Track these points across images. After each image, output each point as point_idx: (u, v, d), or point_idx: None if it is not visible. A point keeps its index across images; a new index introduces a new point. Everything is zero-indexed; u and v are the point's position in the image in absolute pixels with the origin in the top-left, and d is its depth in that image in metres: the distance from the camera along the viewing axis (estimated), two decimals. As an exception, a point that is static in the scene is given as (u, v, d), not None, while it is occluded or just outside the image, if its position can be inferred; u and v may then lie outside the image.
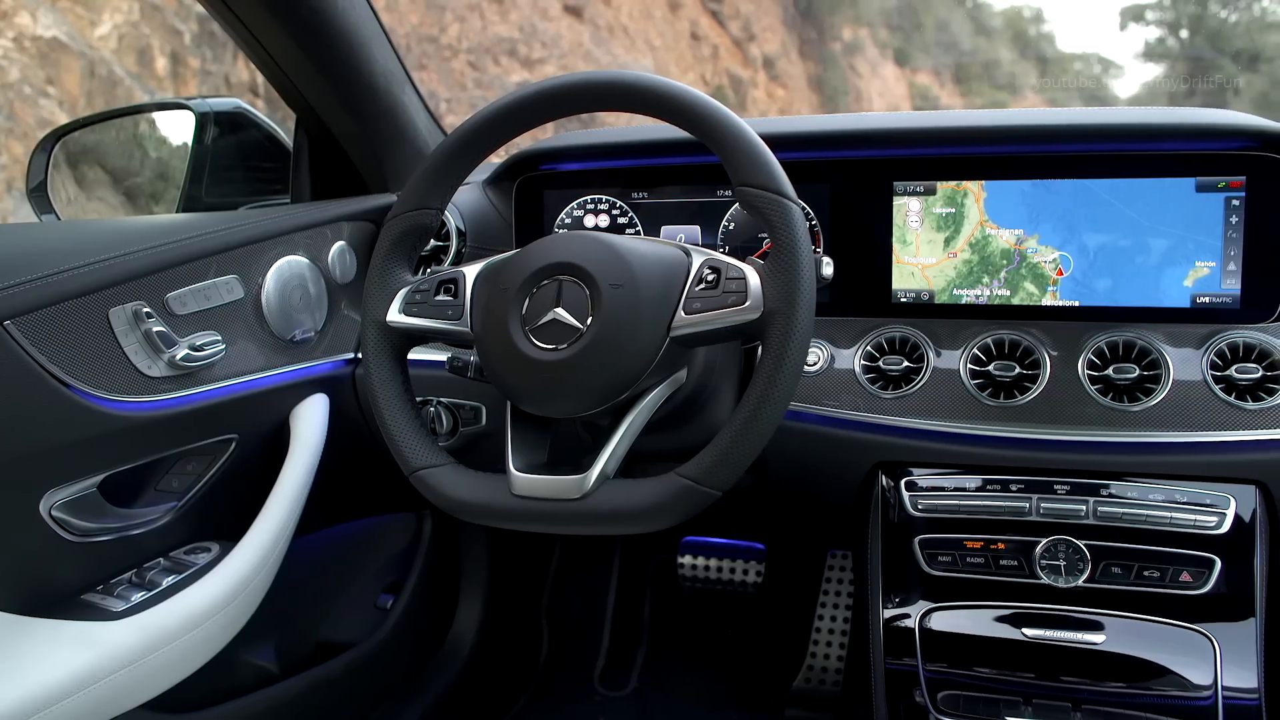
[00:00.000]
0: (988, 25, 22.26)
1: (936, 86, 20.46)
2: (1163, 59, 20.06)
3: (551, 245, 1.06)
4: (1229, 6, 18.91)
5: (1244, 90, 17.04)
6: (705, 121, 1.04)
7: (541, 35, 9.46)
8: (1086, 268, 1.27)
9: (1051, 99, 20.78)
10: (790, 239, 0.98)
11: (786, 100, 14.97)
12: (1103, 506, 1.19)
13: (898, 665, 1.23)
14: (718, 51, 13.31)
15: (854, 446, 1.28)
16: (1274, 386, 1.17)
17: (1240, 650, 1.14)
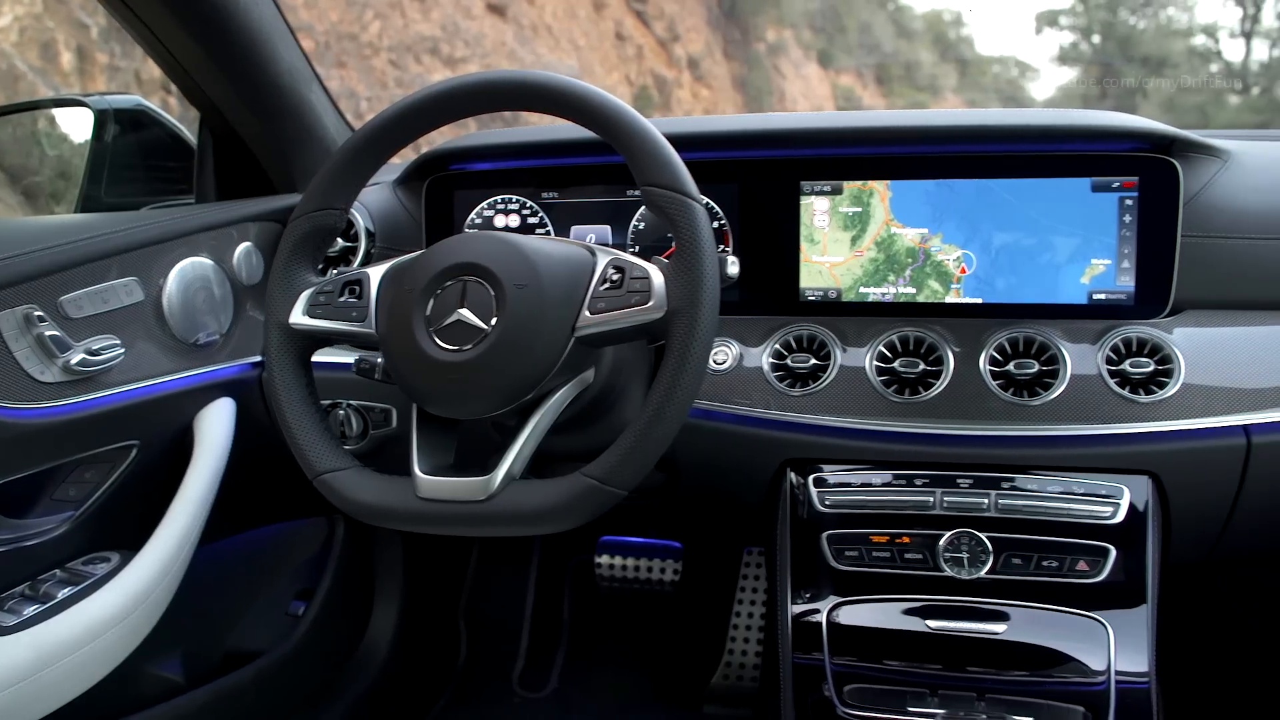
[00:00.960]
0: (909, 28, 22.64)
1: (859, 87, 20.75)
2: (1076, 63, 20.59)
3: (456, 245, 1.06)
4: (1137, 14, 19.50)
5: (1151, 94, 17.58)
6: (609, 121, 1.04)
7: (464, 34, 9.39)
8: (988, 266, 1.30)
9: (971, 100, 21.21)
10: (693, 238, 0.99)
11: (711, 100, 15.06)
12: (1004, 499, 1.22)
13: (805, 660, 1.24)
14: (642, 52, 13.34)
15: (763, 444, 1.29)
16: (1165, 380, 1.21)
17: (1132, 636, 1.18)
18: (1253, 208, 1.28)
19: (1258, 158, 1.34)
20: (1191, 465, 1.22)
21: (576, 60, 11.49)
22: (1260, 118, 16.45)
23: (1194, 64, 18.47)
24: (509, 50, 10.26)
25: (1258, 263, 1.27)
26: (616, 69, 12.41)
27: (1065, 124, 1.27)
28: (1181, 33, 18.91)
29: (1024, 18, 23.28)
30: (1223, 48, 19.40)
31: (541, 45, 11.02)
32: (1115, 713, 1.15)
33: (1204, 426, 1.19)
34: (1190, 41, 18.94)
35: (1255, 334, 1.24)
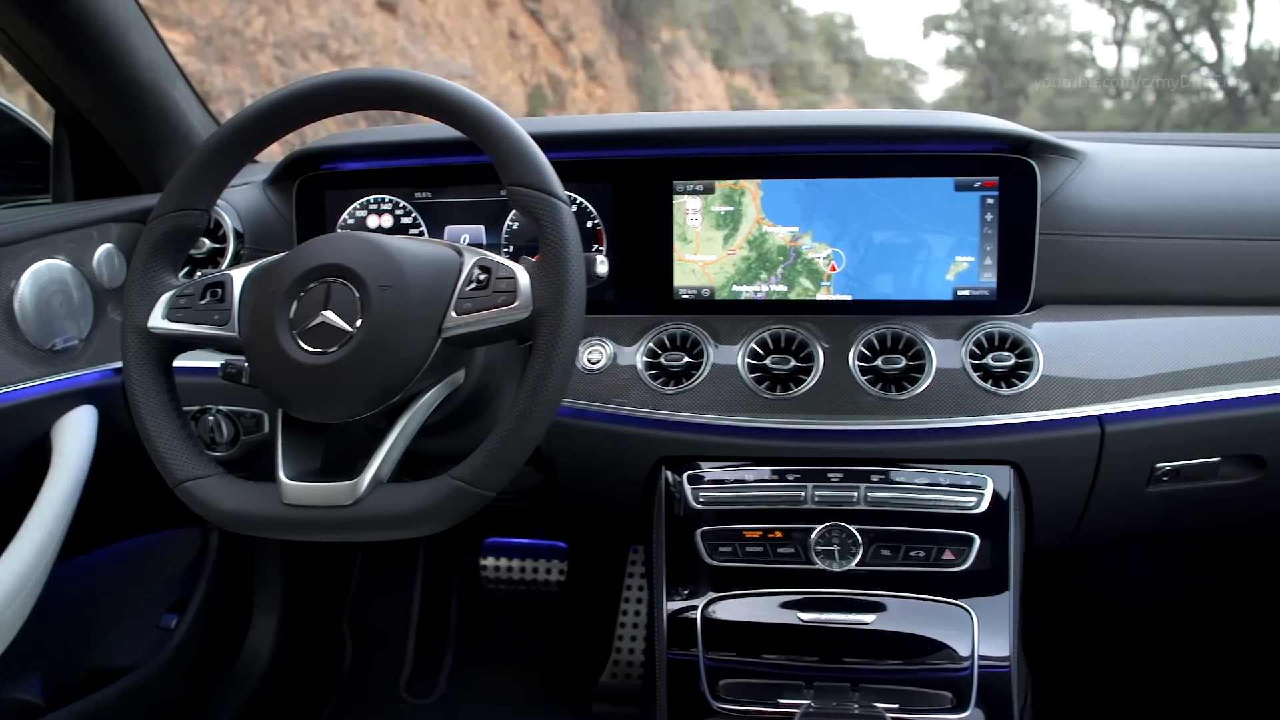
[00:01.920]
0: (802, 30, 23.00)
1: (754, 88, 21.00)
2: (962, 66, 21.21)
3: (320, 246, 1.04)
4: (1018, 20, 20.17)
5: (1033, 97, 18.21)
6: (475, 121, 1.03)
7: (353, 31, 9.22)
8: (857, 263, 1.33)
9: (862, 100, 21.65)
10: (559, 238, 0.99)
11: (606, 100, 15.08)
12: (873, 492, 1.25)
13: (680, 656, 1.25)
14: (536, 51, 13.28)
15: (638, 442, 1.30)
16: (1025, 373, 1.25)
17: (995, 621, 1.22)
18: (1105, 207, 1.33)
19: (1110, 159, 1.39)
20: (1050, 455, 1.26)
21: (469, 59, 11.39)
22: (1132, 121, 17.17)
23: (1071, 69, 19.19)
24: (400, 48, 10.11)
25: (1110, 259, 1.33)
26: (510, 68, 12.34)
27: (927, 125, 1.31)
28: (1059, 39, 19.64)
29: (912, 21, 23.87)
30: (1097, 54, 20.18)
31: (433, 43, 10.88)
32: (976, 696, 1.19)
33: (1061, 417, 1.24)
34: (1067, 48, 19.68)
35: (1109, 327, 1.30)
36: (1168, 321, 1.30)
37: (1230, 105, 15.58)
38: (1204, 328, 1.29)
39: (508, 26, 12.53)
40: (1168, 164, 1.43)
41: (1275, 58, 15.44)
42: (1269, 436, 1.29)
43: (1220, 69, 16.30)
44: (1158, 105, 16.93)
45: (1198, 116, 16.05)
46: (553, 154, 1.03)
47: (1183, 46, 17.10)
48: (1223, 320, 1.30)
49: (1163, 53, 17.49)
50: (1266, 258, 1.32)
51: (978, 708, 1.20)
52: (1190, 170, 1.41)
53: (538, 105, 12.71)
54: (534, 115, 6.92)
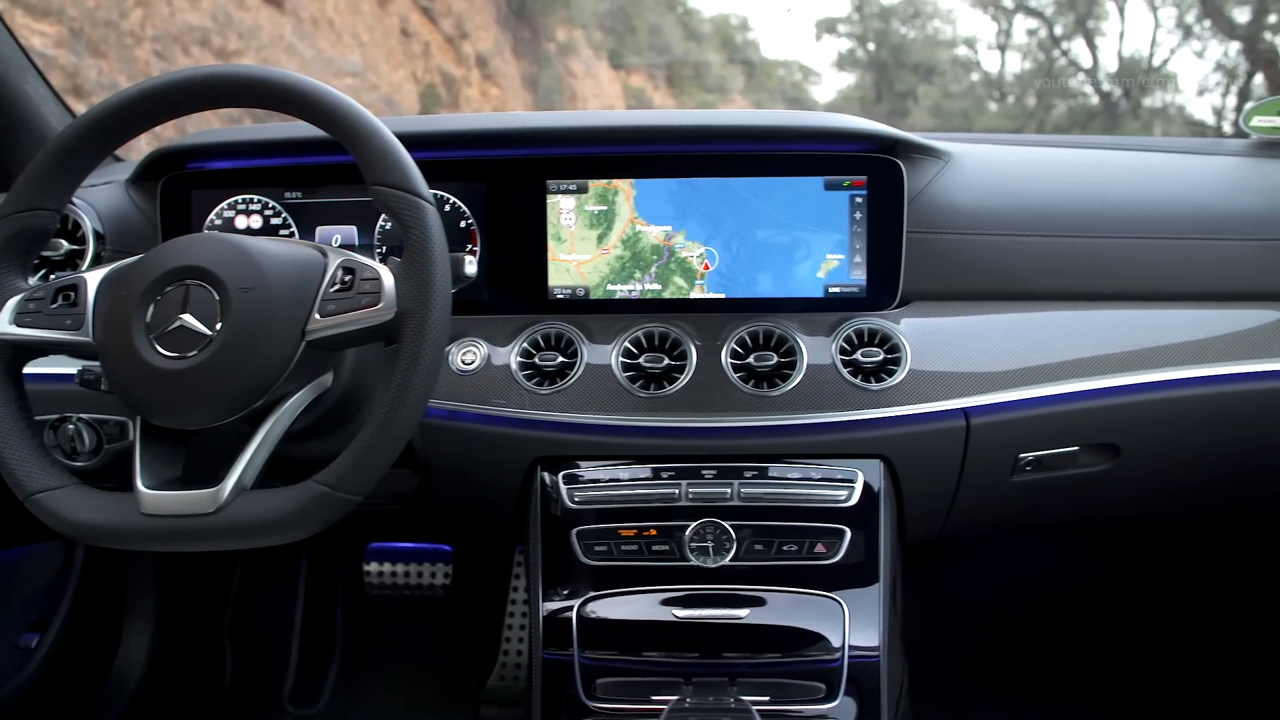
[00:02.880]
0: (698, 30, 23.15)
1: (650, 88, 21.10)
2: (854, 68, 21.63)
3: (177, 248, 1.01)
4: (907, 24, 20.67)
5: (922, 99, 18.69)
6: (338, 119, 1.02)
7: (238, 25, 8.96)
8: (730, 262, 1.34)
9: (757, 101, 21.89)
10: (423, 238, 0.98)
11: (501, 99, 14.97)
12: (746, 488, 1.26)
13: (557, 656, 1.25)
14: (429, 49, 13.10)
15: (513, 443, 1.29)
16: (893, 368, 1.27)
17: (866, 612, 1.25)
18: (969, 205, 1.37)
19: (975, 160, 1.43)
20: (918, 447, 1.29)
21: (360, 56, 11.19)
22: (1015, 123, 17.76)
23: (958, 73, 19.75)
24: (287, 44, 9.87)
25: (975, 257, 1.36)
26: (402, 66, 12.16)
27: (797, 125, 1.33)
28: (946, 43, 20.18)
29: (805, 24, 24.27)
30: (982, 59, 20.84)
31: (323, 40, 10.66)
32: (845, 686, 1.22)
33: (928, 410, 1.27)
34: (954, 52, 20.23)
35: (973, 323, 1.33)
36: (1029, 317, 1.34)
37: (1105, 109, 16.23)
38: (1063, 322, 1.34)
39: (399, 24, 12.35)
40: (1030, 164, 1.48)
41: (1144, 65, 16.14)
42: (1123, 425, 1.34)
43: (1095, 74, 16.98)
44: (1039, 108, 17.54)
45: (1075, 119, 16.66)
46: (424, 153, 1.02)
47: (1061, 53, 17.75)
48: (1081, 315, 1.35)
49: (1043, 58, 18.12)
50: (1120, 254, 1.38)
51: (848, 697, 1.22)
52: (1051, 170, 1.46)
53: (431, 104, 12.55)
54: (427, 114, 6.83)
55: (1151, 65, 16.35)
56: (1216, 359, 1.32)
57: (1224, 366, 1.32)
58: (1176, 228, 1.38)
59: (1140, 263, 1.38)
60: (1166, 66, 16.43)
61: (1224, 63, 15.44)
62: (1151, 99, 16.01)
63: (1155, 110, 16.04)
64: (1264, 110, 1.53)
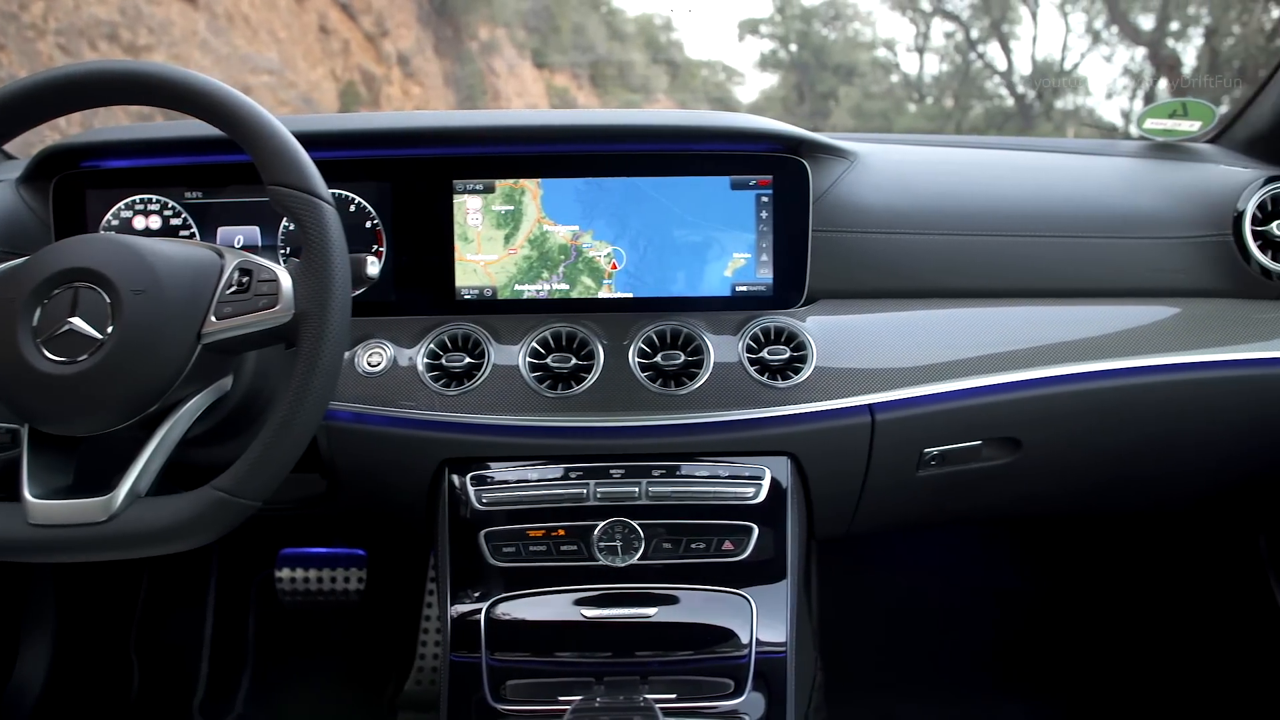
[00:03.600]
0: (622, 30, 23.14)
1: (574, 87, 21.03)
2: (777, 69, 21.80)
3: (66, 249, 0.99)
4: (828, 26, 20.91)
5: (843, 100, 18.93)
6: (232, 117, 1.01)
7: (148, 20, 8.71)
8: (638, 261, 1.34)
9: (681, 101, 21.97)
10: (321, 239, 0.97)
11: (423, 98, 14.80)
12: (654, 487, 1.27)
13: (465, 659, 1.24)
14: (349, 46, 12.90)
15: (421, 445, 1.28)
16: (800, 366, 1.28)
17: (774, 609, 1.26)
18: (875, 204, 1.39)
19: (880, 159, 1.45)
20: (825, 444, 1.31)
21: (277, 53, 10.98)
22: (933, 124, 18.07)
23: (878, 74, 20.01)
24: (201, 40, 9.63)
25: (880, 255, 1.38)
26: (321, 64, 11.95)
27: (703, 125, 1.33)
28: (866, 45, 20.44)
29: (728, 25, 24.44)
30: (901, 60, 21.19)
31: (238, 36, 10.43)
32: (752, 682, 1.23)
33: (834, 407, 1.28)
34: (874, 54, 20.51)
35: (879, 320, 1.35)
36: (933, 314, 1.37)
37: (1020, 110, 16.59)
38: (966, 319, 1.36)
39: (318, 20, 12.14)
40: (934, 164, 1.50)
41: (1056, 68, 16.56)
42: (1024, 419, 1.37)
43: (1010, 77, 17.35)
44: (956, 109, 17.88)
45: (991, 120, 17.01)
46: (327, 153, 1.00)
47: (977, 55, 18.10)
48: (983, 312, 1.37)
49: (960, 61, 18.47)
50: (1021, 253, 1.41)
51: (756, 692, 1.23)
52: (954, 170, 1.49)
53: (351, 103, 12.36)
54: (347, 112, 6.73)
55: (1063, 69, 16.77)
56: (1113, 354, 1.36)
57: (1119, 361, 1.36)
58: (1075, 227, 1.42)
59: (1040, 261, 1.41)
60: (1077, 70, 16.87)
61: (1130, 67, 15.90)
62: (1063, 101, 16.41)
63: (1067, 112, 16.44)
64: (1156, 113, 1.58)
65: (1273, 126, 1.54)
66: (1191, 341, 1.38)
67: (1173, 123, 1.58)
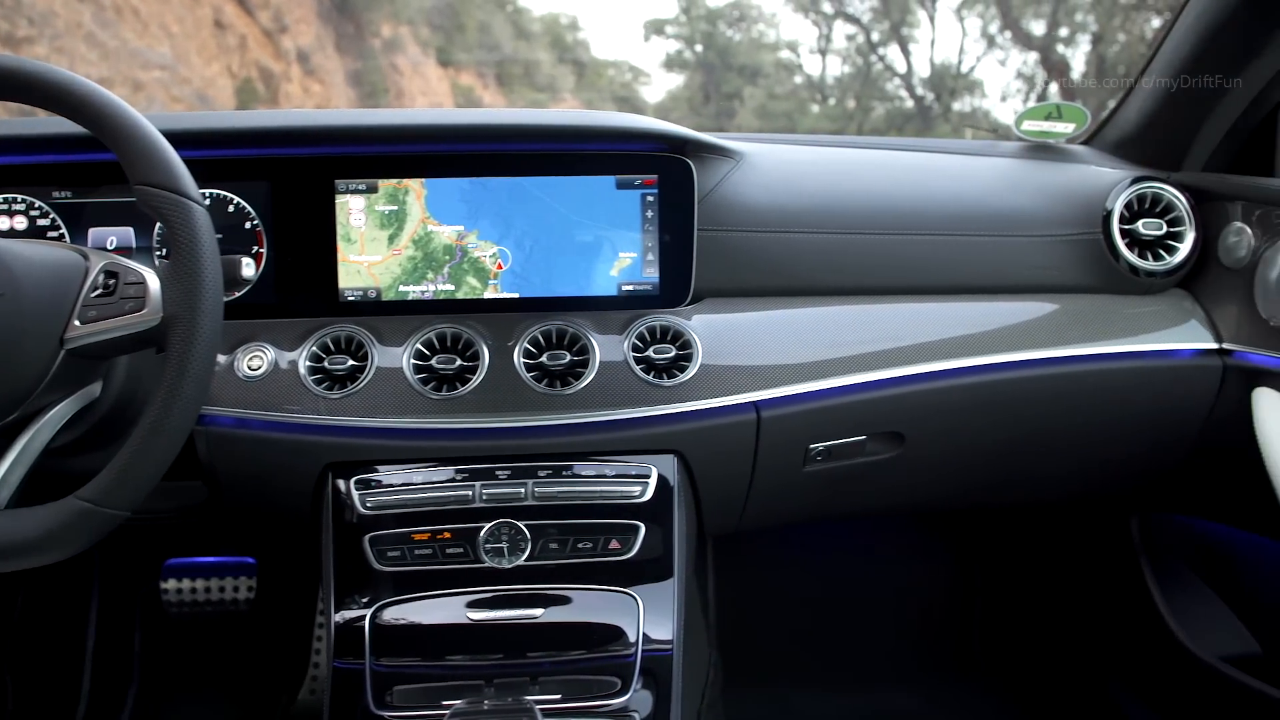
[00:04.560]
0: (528, 29, 23.01)
1: (480, 86, 20.86)
2: (683, 69, 21.92)
3: None
4: (733, 27, 21.12)
5: (747, 100, 19.14)
6: (96, 114, 0.97)
7: (28, 10, 8.36)
8: (524, 261, 1.34)
9: (588, 101, 21.95)
10: (190, 240, 0.95)
11: (324, 96, 14.54)
12: (540, 487, 1.26)
13: (349, 665, 1.23)
14: (246, 42, 12.57)
15: (303, 450, 1.26)
16: (686, 364, 1.30)
17: (661, 606, 1.27)
18: (760, 204, 1.41)
19: (767, 159, 1.47)
20: (711, 442, 1.32)
21: (170, 48, 10.65)
22: (836, 125, 18.40)
23: (782, 75, 20.29)
24: (86, 32, 9.29)
25: (765, 254, 1.40)
26: (217, 59, 11.63)
27: (588, 125, 1.33)
28: (770, 46, 20.70)
29: (634, 25, 24.50)
30: (804, 62, 21.50)
31: (127, 29, 10.10)
32: (639, 680, 1.23)
33: (720, 405, 1.30)
34: (778, 55, 20.77)
35: (764, 318, 1.37)
36: (818, 311, 1.39)
37: (919, 112, 17.00)
38: (850, 317, 1.39)
39: (213, 15, 11.80)
40: (819, 164, 1.53)
41: (953, 71, 17.01)
42: (907, 414, 1.40)
43: (909, 79, 17.77)
44: (858, 110, 18.22)
45: (892, 121, 17.39)
46: (204, 151, 0.98)
47: (878, 58, 18.48)
48: (867, 309, 1.40)
49: (861, 63, 18.83)
50: (904, 251, 1.44)
51: (645, 690, 1.23)
52: (839, 170, 1.52)
53: (248, 99, 12.07)
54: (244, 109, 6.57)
55: (960, 72, 17.23)
56: (992, 350, 1.40)
57: (998, 356, 1.40)
58: (955, 225, 1.46)
59: (922, 259, 1.45)
60: (973, 73, 17.34)
61: (1024, 71, 16.41)
62: (960, 103, 16.86)
63: (964, 114, 16.90)
64: (1032, 115, 1.63)
65: (1139, 129, 1.60)
66: (1065, 337, 1.42)
67: (1048, 125, 1.64)
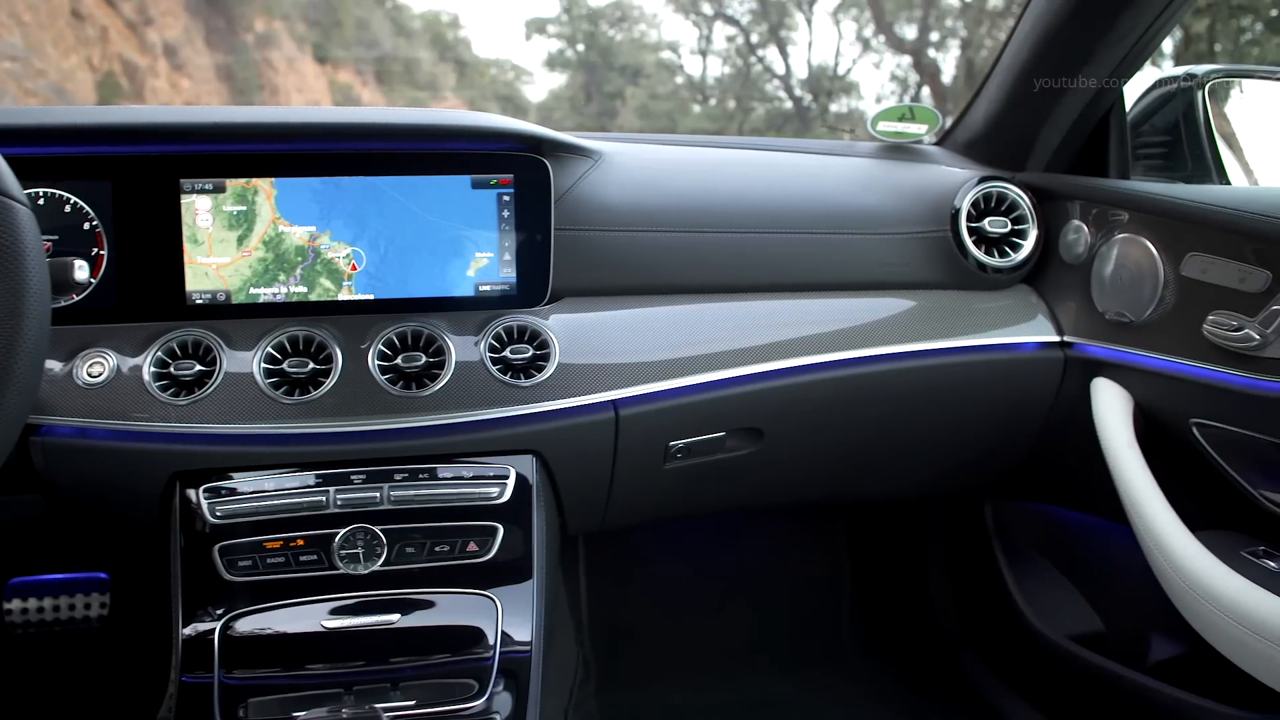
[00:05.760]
0: (408, 27, 22.60)
1: (359, 84, 20.42)
2: (565, 69, 21.85)
3: None
4: (615, 27, 21.14)
5: (630, 100, 19.20)
6: None
7: None
8: (379, 262, 1.32)
9: (470, 99, 21.72)
10: (12, 242, 0.90)
11: (193, 92, 14.02)
12: (396, 491, 1.25)
13: (197, 680, 1.19)
14: (107, 34, 12.02)
15: (149, 459, 1.22)
16: (543, 364, 1.30)
17: (520, 608, 1.27)
18: (618, 203, 1.42)
19: (626, 158, 1.49)
20: (570, 441, 1.32)
21: (20, 37, 10.13)
22: (717, 125, 18.58)
23: (663, 76, 20.39)
24: (-75, 20, 8.80)
25: (623, 253, 1.41)
26: (75, 51, 11.10)
27: (442, 124, 1.32)
28: (651, 47, 20.77)
29: (516, 23, 24.31)
30: (685, 63, 21.63)
31: (-26, 18, 9.60)
32: (500, 682, 1.23)
33: (577, 404, 1.30)
34: (659, 55, 20.87)
35: (623, 317, 1.38)
36: (676, 310, 1.41)
37: (798, 113, 17.30)
38: (708, 314, 1.41)
39: (70, 4, 11.27)
40: (678, 163, 1.55)
41: (830, 73, 17.36)
42: (765, 410, 1.43)
43: (788, 81, 18.05)
44: (738, 111, 18.44)
45: (772, 122, 17.64)
46: (38, 149, 0.93)
47: (757, 59, 18.73)
48: (725, 307, 1.43)
49: (741, 64, 19.06)
50: (761, 249, 1.47)
51: (505, 692, 1.23)
52: (698, 169, 1.54)
53: (110, 94, 11.56)
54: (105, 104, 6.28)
55: (836, 74, 17.60)
56: (847, 345, 1.44)
57: (853, 351, 1.44)
58: (811, 223, 1.49)
59: (779, 257, 1.48)
60: (850, 75, 17.74)
61: (897, 74, 16.86)
62: (837, 105, 17.23)
63: (841, 115, 17.27)
64: (886, 116, 1.69)
65: (985, 131, 1.67)
66: (917, 332, 1.47)
67: (902, 125, 1.70)
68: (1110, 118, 1.57)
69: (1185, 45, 11.13)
